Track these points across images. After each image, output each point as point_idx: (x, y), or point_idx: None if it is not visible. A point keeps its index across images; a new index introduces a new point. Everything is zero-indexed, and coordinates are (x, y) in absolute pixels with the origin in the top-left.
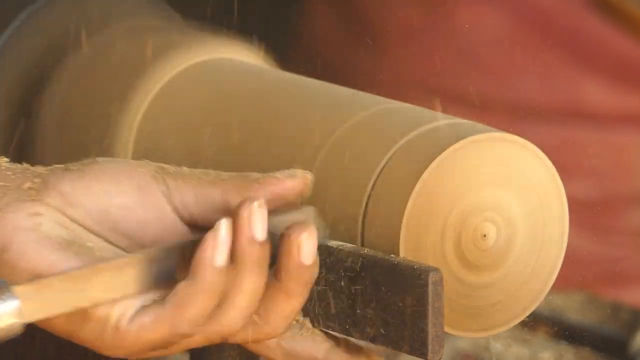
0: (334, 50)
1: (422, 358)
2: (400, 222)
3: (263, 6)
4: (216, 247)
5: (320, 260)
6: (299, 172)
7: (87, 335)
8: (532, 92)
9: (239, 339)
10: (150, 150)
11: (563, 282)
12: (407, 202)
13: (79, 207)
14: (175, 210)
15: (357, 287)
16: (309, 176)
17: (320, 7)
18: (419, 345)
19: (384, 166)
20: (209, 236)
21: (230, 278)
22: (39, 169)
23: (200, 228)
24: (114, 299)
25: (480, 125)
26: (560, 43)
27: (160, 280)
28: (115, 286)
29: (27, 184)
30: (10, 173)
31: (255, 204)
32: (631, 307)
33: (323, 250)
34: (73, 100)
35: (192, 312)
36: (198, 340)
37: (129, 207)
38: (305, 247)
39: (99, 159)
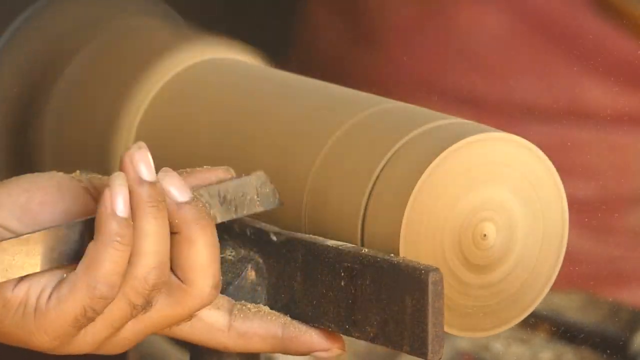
0: (333, 50)
1: (422, 358)
2: (400, 222)
3: (263, 6)
4: (114, 197)
5: (320, 259)
6: (224, 167)
7: (9, 326)
8: (532, 92)
9: (169, 310)
10: (149, 150)
11: (563, 282)
12: (407, 202)
13: (1, 209)
14: None
15: (357, 287)
16: (232, 171)
17: (321, 7)
18: (419, 345)
19: (384, 166)
20: (105, 190)
21: (134, 227)
22: None
23: None
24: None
25: (480, 125)
26: (560, 43)
27: (69, 255)
28: (26, 260)
29: None
30: None
31: (134, 146)
32: (631, 307)
33: (323, 250)
34: (73, 101)
35: (105, 268)
36: (120, 309)
37: (50, 202)
38: (170, 189)
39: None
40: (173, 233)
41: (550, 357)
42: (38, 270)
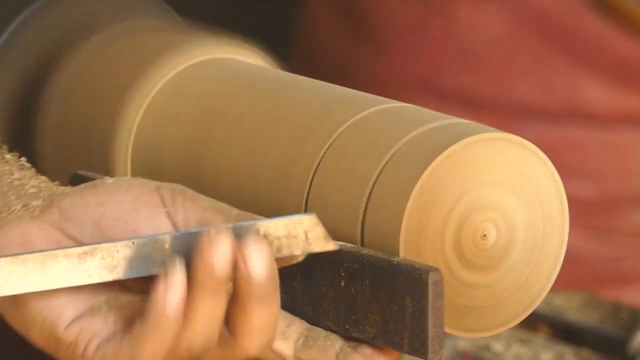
0: (334, 50)
1: (422, 358)
2: (400, 222)
3: (264, 6)
4: (169, 293)
5: (320, 259)
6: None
7: (63, 355)
8: (531, 92)
9: (218, 355)
10: (149, 150)
11: (563, 282)
12: (407, 202)
13: (74, 221)
14: (174, 226)
15: (357, 287)
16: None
17: (321, 7)
18: (419, 345)
19: (384, 166)
20: (161, 282)
21: (189, 301)
22: (52, 185)
23: None
24: (85, 284)
25: (480, 125)
26: (560, 43)
27: (134, 273)
28: (88, 271)
29: (35, 202)
30: (22, 188)
31: (214, 231)
32: (631, 307)
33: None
34: (73, 100)
35: (149, 348)
36: None
37: (122, 219)
38: (252, 255)
39: (109, 178)
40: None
41: (550, 357)
42: (34, 290)
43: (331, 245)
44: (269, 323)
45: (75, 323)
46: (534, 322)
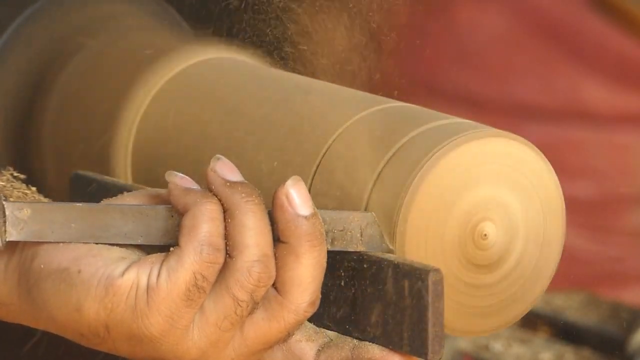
0: (333, 50)
1: (422, 358)
2: (400, 222)
3: (263, 6)
4: (182, 179)
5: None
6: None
7: (121, 314)
8: (532, 92)
9: (265, 326)
10: (149, 149)
11: (563, 282)
12: (407, 202)
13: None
14: None
15: (357, 287)
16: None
17: (320, 6)
18: (419, 345)
19: (384, 166)
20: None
21: (233, 223)
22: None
23: None
24: (99, 240)
25: (479, 125)
26: (560, 43)
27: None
28: (101, 228)
29: None
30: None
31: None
32: (631, 307)
33: None
34: (73, 100)
35: (204, 229)
36: (225, 305)
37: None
38: (294, 195)
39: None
40: (282, 242)
41: (550, 357)
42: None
43: (385, 246)
44: (318, 269)
45: (131, 268)
46: (534, 322)
